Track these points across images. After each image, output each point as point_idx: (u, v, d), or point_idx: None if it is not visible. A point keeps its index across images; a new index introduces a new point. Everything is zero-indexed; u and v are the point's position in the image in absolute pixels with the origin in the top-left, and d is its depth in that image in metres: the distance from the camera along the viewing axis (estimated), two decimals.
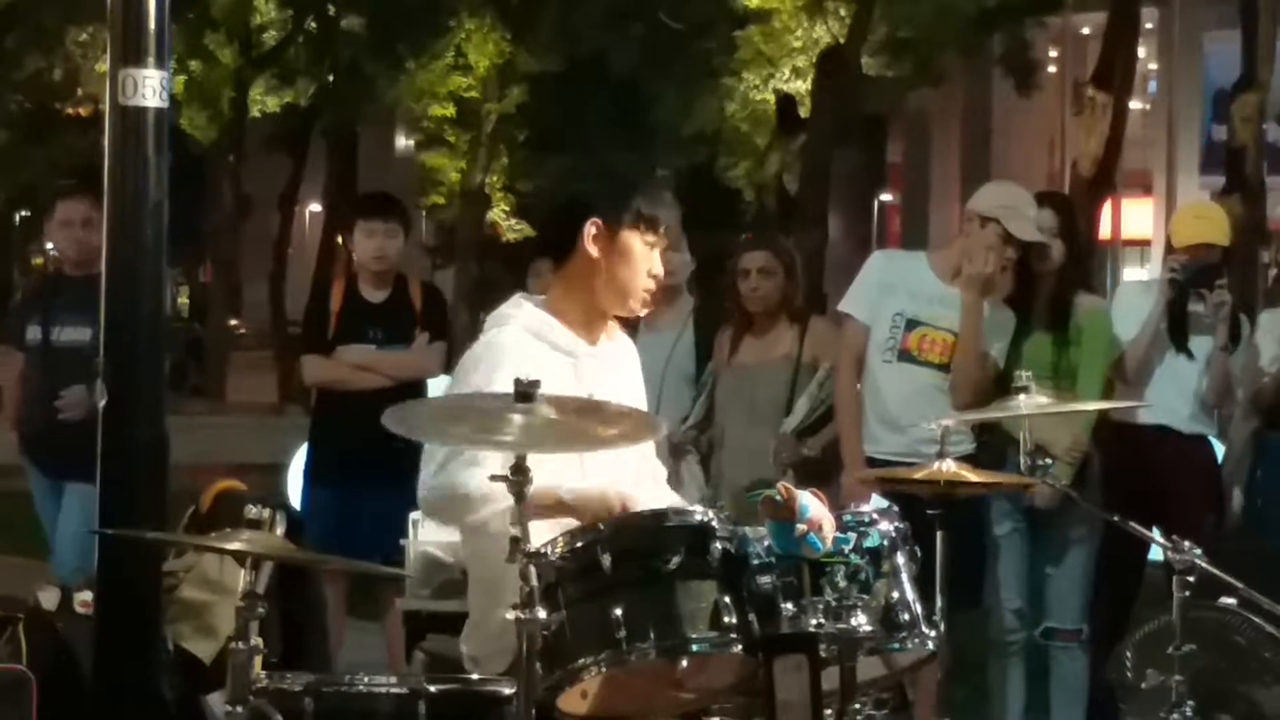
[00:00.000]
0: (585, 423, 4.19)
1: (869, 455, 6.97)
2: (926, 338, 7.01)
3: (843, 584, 4.16)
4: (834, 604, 4.14)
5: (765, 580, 4.12)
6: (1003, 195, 7.11)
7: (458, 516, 4.48)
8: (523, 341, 4.51)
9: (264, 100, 29.29)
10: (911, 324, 7.00)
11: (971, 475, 5.02)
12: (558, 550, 4.04)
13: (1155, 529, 5.86)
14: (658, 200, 4.64)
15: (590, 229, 4.56)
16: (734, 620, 4.05)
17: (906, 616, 4.24)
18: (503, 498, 4.06)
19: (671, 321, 7.77)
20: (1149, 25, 30.48)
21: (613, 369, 4.66)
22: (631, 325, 4.91)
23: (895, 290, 7.04)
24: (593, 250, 4.57)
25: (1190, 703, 5.36)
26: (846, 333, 7.19)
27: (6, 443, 8.26)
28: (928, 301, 7.01)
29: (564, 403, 4.13)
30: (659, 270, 4.64)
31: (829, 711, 4.15)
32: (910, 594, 4.26)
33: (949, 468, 5.00)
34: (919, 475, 5.00)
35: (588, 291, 4.61)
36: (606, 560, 4.03)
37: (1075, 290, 7.19)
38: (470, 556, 4.71)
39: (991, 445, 6.84)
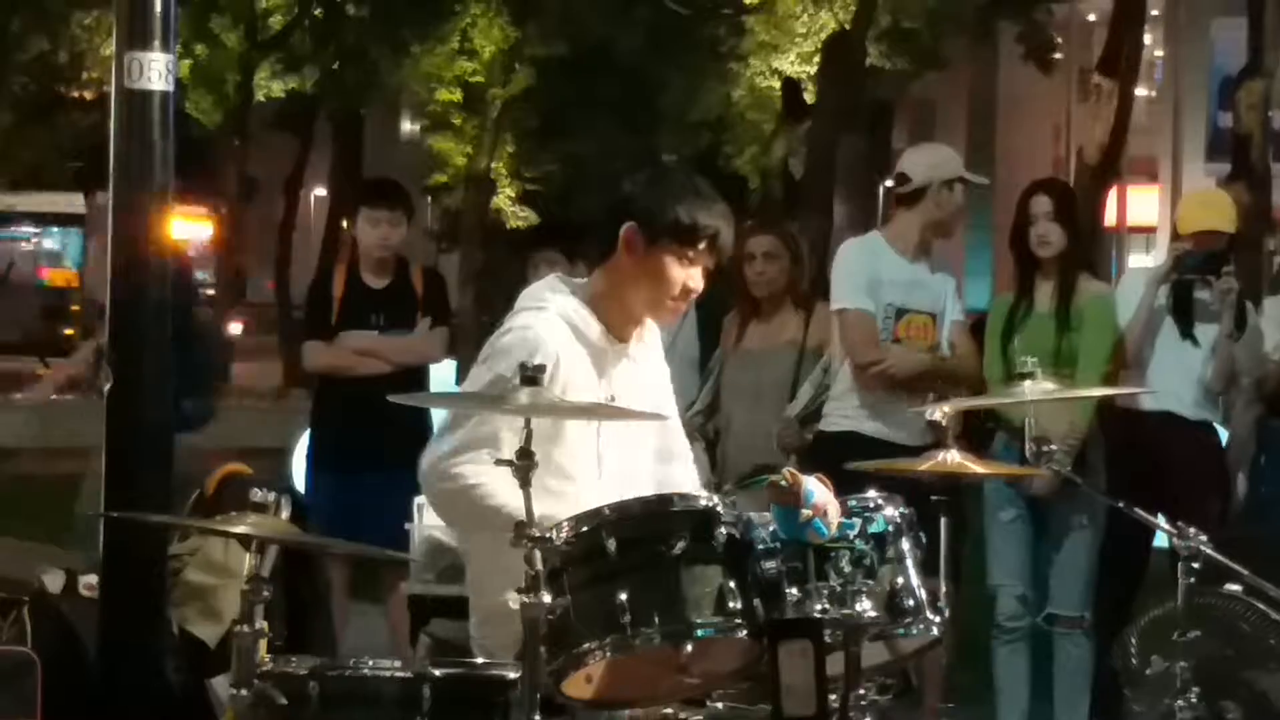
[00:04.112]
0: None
1: (864, 434, 6.99)
2: (912, 324, 7.09)
3: (847, 569, 4.16)
4: (839, 589, 4.14)
5: (770, 565, 4.11)
6: (948, 156, 7.35)
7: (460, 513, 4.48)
8: (556, 331, 4.45)
9: (269, 85, 29.25)
10: (900, 312, 7.07)
11: (977, 465, 5.02)
12: (563, 535, 4.04)
13: (1160, 515, 5.85)
14: (704, 209, 4.46)
15: (626, 233, 4.47)
16: (739, 605, 4.04)
17: (911, 602, 4.24)
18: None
19: None
20: (1155, 12, 30.47)
21: (639, 370, 4.62)
22: None
23: (880, 282, 7.09)
24: (626, 255, 4.49)
25: (1195, 689, 5.36)
26: (853, 326, 7.14)
27: (10, 426, 8.25)
28: (907, 287, 7.12)
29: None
30: (696, 285, 4.51)
31: (833, 697, 4.14)
32: (915, 579, 4.26)
33: (953, 457, 4.99)
34: (923, 466, 4.99)
35: (622, 292, 4.54)
36: (611, 545, 4.03)
37: (1078, 275, 7.21)
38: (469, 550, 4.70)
39: (982, 431, 6.86)
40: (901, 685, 4.65)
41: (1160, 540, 6.28)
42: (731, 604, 4.04)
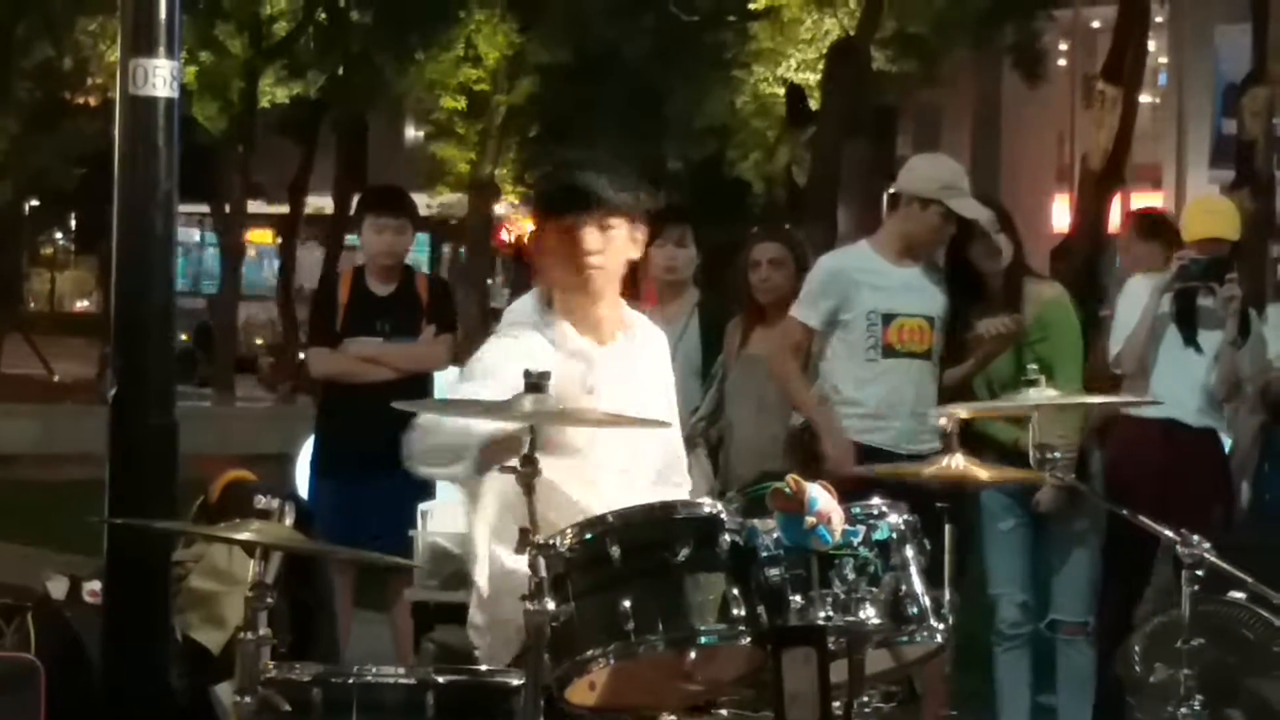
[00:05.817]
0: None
1: (865, 444, 6.96)
2: (904, 328, 7.05)
3: (851, 576, 4.16)
4: (842, 596, 4.14)
5: (774, 572, 4.11)
6: (941, 174, 7.13)
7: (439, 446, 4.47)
8: (532, 342, 4.48)
9: (273, 91, 29.26)
10: (887, 318, 7.02)
11: (981, 472, 5.02)
12: (566, 542, 4.04)
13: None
14: (561, 172, 4.53)
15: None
16: (742, 612, 4.05)
17: (915, 609, 4.24)
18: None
19: (676, 314, 7.77)
20: (1159, 19, 30.45)
21: (627, 368, 4.62)
22: None
23: (859, 287, 7.05)
24: (537, 249, 4.58)
25: (1198, 697, 5.36)
26: (786, 329, 7.16)
27: (15, 433, 8.26)
28: (894, 292, 7.05)
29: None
30: (582, 244, 4.48)
31: (837, 704, 4.14)
32: (919, 587, 4.26)
33: (958, 463, 4.99)
34: (928, 471, 5.00)
35: (558, 285, 4.59)
36: (615, 552, 4.03)
37: (1022, 282, 7.14)
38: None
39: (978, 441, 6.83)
40: (905, 692, 4.65)
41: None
42: (735, 611, 4.04)
